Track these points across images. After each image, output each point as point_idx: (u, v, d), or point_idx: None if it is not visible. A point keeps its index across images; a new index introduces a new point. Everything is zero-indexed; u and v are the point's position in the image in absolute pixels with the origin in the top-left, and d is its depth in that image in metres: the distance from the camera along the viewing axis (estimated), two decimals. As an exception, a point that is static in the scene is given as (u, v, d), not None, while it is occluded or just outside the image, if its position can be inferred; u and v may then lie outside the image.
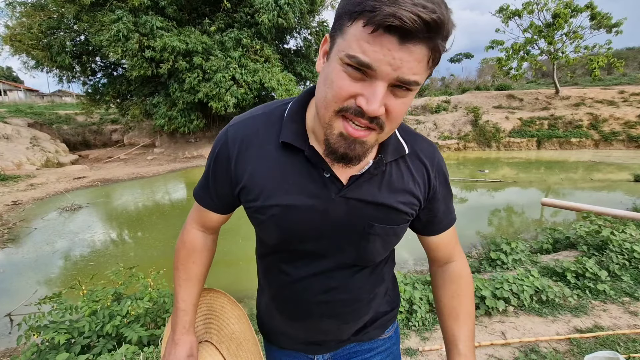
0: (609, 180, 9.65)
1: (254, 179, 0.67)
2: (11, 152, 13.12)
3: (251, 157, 0.67)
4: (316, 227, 0.67)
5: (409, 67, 0.48)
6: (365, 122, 0.52)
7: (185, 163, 15.21)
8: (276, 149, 0.66)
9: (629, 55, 29.53)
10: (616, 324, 2.42)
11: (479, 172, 11.20)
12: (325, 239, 0.69)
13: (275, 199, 0.66)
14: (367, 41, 0.47)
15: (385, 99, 0.51)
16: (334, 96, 0.52)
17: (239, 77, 14.57)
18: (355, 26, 0.48)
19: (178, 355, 0.79)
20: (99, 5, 14.53)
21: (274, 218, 0.67)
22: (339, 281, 0.74)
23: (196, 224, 0.83)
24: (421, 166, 0.72)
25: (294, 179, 0.65)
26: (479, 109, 17.60)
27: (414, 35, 0.46)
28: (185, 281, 0.82)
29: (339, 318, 0.77)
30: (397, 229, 0.71)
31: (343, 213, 0.66)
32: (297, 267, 0.73)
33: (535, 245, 4.16)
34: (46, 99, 34.94)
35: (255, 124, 0.69)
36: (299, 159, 0.65)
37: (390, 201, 0.68)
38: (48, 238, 6.31)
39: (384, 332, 0.87)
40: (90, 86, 18.11)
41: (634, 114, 15.93)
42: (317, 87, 0.58)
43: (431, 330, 2.42)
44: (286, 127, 0.65)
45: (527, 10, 18.05)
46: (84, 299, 2.46)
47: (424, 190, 0.72)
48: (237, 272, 4.68)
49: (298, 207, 0.65)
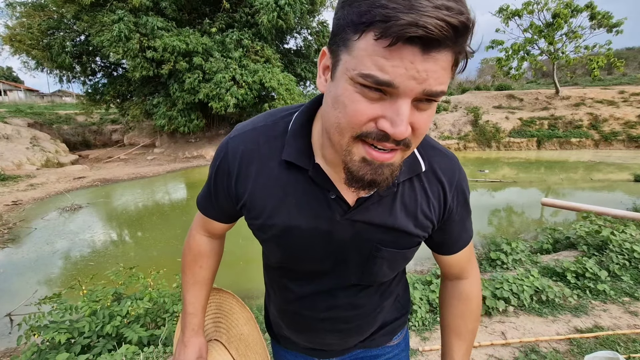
0: (609, 180, 9.65)
1: (255, 197, 0.63)
2: (11, 152, 13.13)
3: (252, 174, 0.62)
4: (319, 249, 0.64)
5: (435, 78, 0.42)
6: (391, 145, 0.46)
7: (186, 163, 15.21)
8: (278, 166, 0.61)
9: (629, 55, 29.55)
10: (616, 324, 2.42)
11: (479, 172, 11.20)
12: (328, 260, 0.66)
13: (276, 218, 0.63)
14: (384, 56, 0.40)
15: (410, 117, 0.44)
16: (349, 122, 0.46)
17: (239, 77, 14.58)
18: (365, 40, 0.41)
19: (187, 356, 0.79)
20: (99, 6, 14.53)
21: (275, 238, 0.65)
22: (342, 299, 0.71)
23: (201, 230, 0.82)
24: (438, 186, 0.65)
25: (297, 198, 0.61)
26: (479, 109, 17.61)
27: (439, 42, 0.39)
28: (193, 285, 0.82)
29: (343, 333, 0.77)
30: (407, 253, 0.67)
31: (348, 236, 0.63)
32: (300, 285, 0.72)
33: (535, 245, 4.16)
34: (46, 99, 34.95)
35: (257, 138, 0.63)
36: (302, 177, 0.60)
37: (401, 225, 0.63)
38: (48, 238, 6.31)
39: (392, 339, 0.86)
40: (90, 86, 18.11)
41: (634, 114, 15.93)
42: (324, 109, 0.52)
43: (431, 330, 2.42)
44: (289, 145, 0.60)
45: (527, 10, 18.05)
46: (84, 299, 2.46)
47: (438, 213, 0.66)
48: (237, 272, 4.68)
49: (300, 228, 0.62)
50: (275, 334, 0.88)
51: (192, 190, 10.74)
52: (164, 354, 2.19)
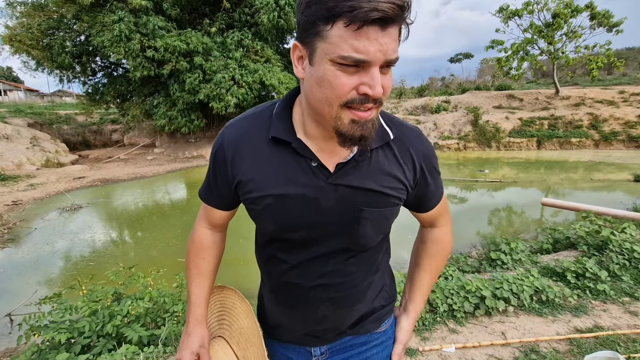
0: (609, 180, 9.65)
1: (248, 173, 0.71)
2: (11, 152, 13.13)
3: (245, 155, 0.71)
4: (308, 215, 0.70)
5: (392, 49, 0.55)
6: (370, 105, 0.58)
7: (186, 163, 15.21)
8: (267, 145, 0.70)
9: (629, 55, 29.51)
10: (616, 324, 2.42)
11: (479, 172, 11.20)
12: (317, 226, 0.72)
13: (268, 189, 0.70)
14: (355, 38, 0.52)
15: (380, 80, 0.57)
16: (336, 94, 0.57)
17: (239, 77, 14.58)
18: (337, 28, 0.52)
19: (191, 344, 0.83)
20: (98, 6, 14.54)
21: (268, 208, 0.71)
22: (333, 266, 0.77)
23: (204, 222, 0.88)
24: (406, 151, 0.75)
25: (285, 170, 0.69)
26: (479, 109, 17.60)
27: (391, 20, 0.52)
28: (196, 276, 0.88)
29: (334, 302, 0.80)
30: (386, 212, 0.74)
31: (333, 200, 0.70)
32: (293, 254, 0.77)
33: (535, 245, 4.16)
34: (46, 99, 34.95)
35: (247, 125, 0.73)
36: (288, 151, 0.69)
37: (377, 186, 0.71)
38: (48, 238, 6.31)
39: (379, 325, 0.90)
40: (90, 86, 18.11)
41: (634, 114, 15.92)
42: (308, 91, 0.62)
43: (431, 330, 2.42)
44: (275, 125, 0.70)
45: (527, 10, 18.04)
46: (84, 299, 2.46)
47: (410, 175, 0.75)
48: (237, 272, 4.68)
49: (289, 196, 0.69)
50: (268, 324, 0.91)
51: (192, 190, 10.73)
52: (164, 353, 2.19)
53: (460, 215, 6.98)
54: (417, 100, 21.20)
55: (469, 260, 3.76)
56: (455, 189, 9.23)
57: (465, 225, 6.35)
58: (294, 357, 0.89)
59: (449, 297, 2.63)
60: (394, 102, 21.16)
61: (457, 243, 5.27)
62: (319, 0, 0.53)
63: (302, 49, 0.60)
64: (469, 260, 3.76)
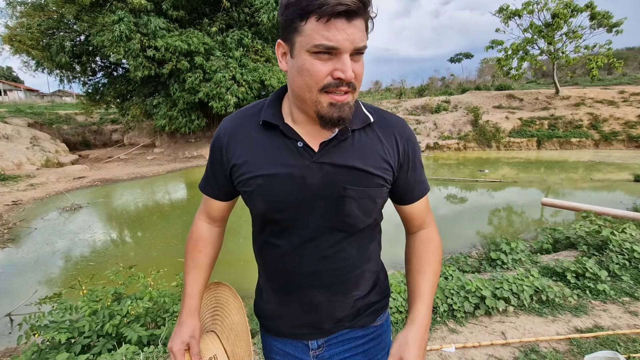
0: (609, 180, 9.65)
1: (240, 157, 0.78)
2: (11, 152, 13.13)
3: (238, 141, 0.78)
4: (296, 193, 0.74)
5: (359, 38, 0.63)
6: (345, 89, 0.66)
7: (186, 163, 15.21)
8: (258, 131, 0.77)
9: (629, 55, 29.48)
10: (616, 324, 2.42)
11: (479, 172, 11.20)
12: (305, 205, 0.75)
13: (258, 170, 0.75)
14: (325, 29, 0.61)
15: (352, 66, 0.64)
16: (315, 80, 0.65)
17: (239, 76, 14.57)
18: (310, 22, 0.61)
19: (182, 334, 0.86)
20: (98, 6, 14.53)
21: (259, 188, 0.76)
22: (327, 251, 0.80)
23: (203, 216, 0.93)
24: (390, 134, 0.80)
25: (274, 152, 0.75)
26: (479, 109, 17.60)
27: (355, 13, 0.61)
28: (193, 269, 0.92)
29: (329, 289, 0.83)
30: (371, 192, 0.77)
31: (318, 178, 0.74)
32: (284, 238, 0.80)
33: (535, 245, 4.16)
34: (46, 99, 34.94)
35: (241, 116, 0.82)
36: (276, 134, 0.76)
37: (361, 164, 0.75)
38: (48, 238, 6.31)
39: (375, 319, 0.92)
40: (90, 86, 18.10)
41: (634, 114, 15.92)
42: (291, 81, 0.70)
43: (431, 330, 2.42)
44: (265, 111, 0.77)
45: (527, 10, 18.03)
46: (84, 298, 2.46)
47: (394, 156, 0.79)
48: (237, 272, 4.68)
49: (278, 175, 0.74)
50: (264, 316, 0.94)
51: (192, 190, 10.73)
52: (164, 353, 2.19)
53: (460, 215, 6.98)
54: (417, 100, 21.19)
55: (469, 260, 3.76)
56: (455, 189, 9.23)
57: (465, 225, 6.35)
58: (292, 352, 0.91)
59: (449, 297, 2.63)
60: (393, 102, 21.15)
61: (457, 243, 5.27)
62: (295, 2, 0.62)
63: (284, 46, 0.69)
64: (469, 260, 3.76)
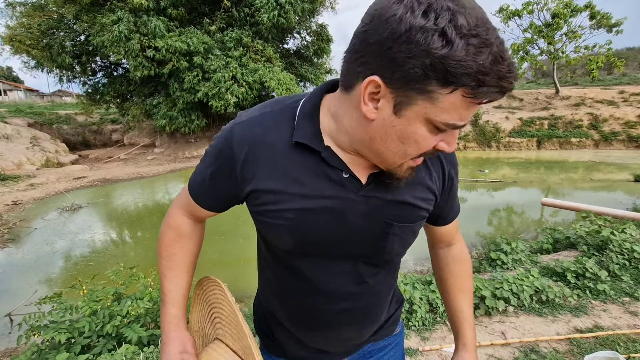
0: (609, 180, 9.65)
1: (264, 182, 0.61)
2: (11, 152, 13.13)
3: (261, 160, 0.61)
4: (333, 230, 0.63)
5: None
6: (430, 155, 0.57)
7: (185, 163, 15.21)
8: (288, 150, 0.60)
9: (629, 55, 29.49)
10: (616, 324, 2.42)
11: (479, 172, 11.20)
12: (343, 242, 0.65)
13: (289, 203, 0.61)
14: (466, 109, 0.47)
15: None
16: (417, 151, 0.54)
17: (239, 76, 14.57)
18: (456, 95, 0.45)
19: (170, 355, 0.72)
20: (98, 5, 14.53)
21: (290, 222, 0.62)
22: (358, 288, 0.71)
23: (184, 211, 0.76)
24: (437, 159, 0.70)
25: (310, 181, 0.61)
26: (478, 109, 17.58)
27: None
28: (172, 270, 0.76)
29: (360, 323, 0.76)
30: (415, 227, 0.69)
31: (362, 213, 0.63)
32: (314, 272, 0.68)
33: (535, 245, 4.16)
34: (46, 99, 34.94)
35: (264, 123, 0.62)
36: (314, 159, 0.60)
37: (410, 198, 0.65)
38: (48, 238, 6.31)
39: (395, 328, 0.90)
40: (90, 86, 18.11)
41: (634, 114, 15.93)
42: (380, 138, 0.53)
43: (431, 330, 2.42)
44: (300, 127, 0.60)
45: (527, 10, 18.04)
46: (84, 299, 2.46)
47: (439, 184, 0.71)
48: (237, 272, 4.67)
49: (315, 210, 0.61)
50: (269, 338, 0.83)
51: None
52: (164, 353, 2.19)
53: (461, 215, 6.95)
54: (417, 100, 21.15)
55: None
56: (455, 189, 9.22)
57: (465, 225, 6.34)
58: None
59: (449, 297, 2.63)
60: (394, 102, 21.11)
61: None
62: (444, 60, 0.42)
63: (386, 91, 0.48)
64: (469, 260, 3.75)
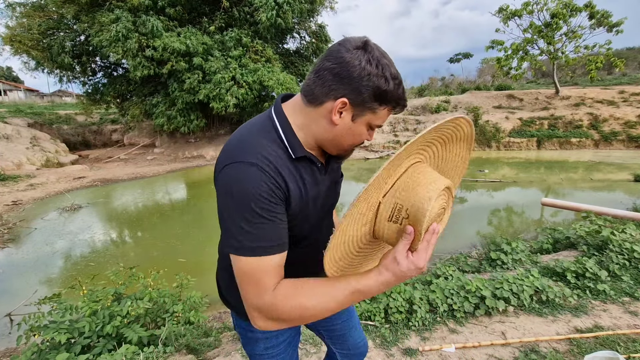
0: (609, 180, 9.65)
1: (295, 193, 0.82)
2: (11, 152, 13.13)
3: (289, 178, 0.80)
4: (320, 205, 0.93)
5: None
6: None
7: (185, 163, 15.21)
8: (291, 162, 0.82)
9: (629, 55, 29.43)
10: (616, 324, 2.42)
11: (479, 172, 11.20)
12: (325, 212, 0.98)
13: (305, 197, 0.85)
14: (386, 115, 0.82)
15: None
16: (358, 142, 0.86)
17: (239, 77, 14.56)
18: (385, 109, 0.80)
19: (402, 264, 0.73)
20: (97, 5, 14.52)
21: (305, 210, 0.87)
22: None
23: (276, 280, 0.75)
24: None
25: (309, 177, 0.87)
26: (479, 109, 17.60)
27: None
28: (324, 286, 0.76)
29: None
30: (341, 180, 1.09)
31: (329, 185, 0.95)
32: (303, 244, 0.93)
33: (535, 245, 4.16)
34: (46, 99, 34.92)
35: (265, 147, 0.78)
36: (306, 162, 0.86)
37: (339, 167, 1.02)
38: (48, 238, 6.31)
39: None
40: (90, 86, 18.08)
41: (634, 114, 15.92)
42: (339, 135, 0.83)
43: (431, 330, 2.42)
44: (292, 146, 0.82)
45: (527, 10, 18.03)
46: (84, 299, 2.46)
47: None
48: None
49: (314, 196, 0.89)
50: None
51: (192, 190, 10.73)
52: (164, 354, 2.19)
53: (460, 215, 6.97)
54: (417, 100, 21.18)
55: (469, 260, 3.76)
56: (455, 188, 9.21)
57: (465, 225, 6.35)
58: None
59: (449, 297, 2.63)
60: (394, 102, 21.10)
61: (457, 243, 5.27)
62: (384, 92, 0.76)
63: (349, 108, 0.78)
64: (469, 260, 3.76)
